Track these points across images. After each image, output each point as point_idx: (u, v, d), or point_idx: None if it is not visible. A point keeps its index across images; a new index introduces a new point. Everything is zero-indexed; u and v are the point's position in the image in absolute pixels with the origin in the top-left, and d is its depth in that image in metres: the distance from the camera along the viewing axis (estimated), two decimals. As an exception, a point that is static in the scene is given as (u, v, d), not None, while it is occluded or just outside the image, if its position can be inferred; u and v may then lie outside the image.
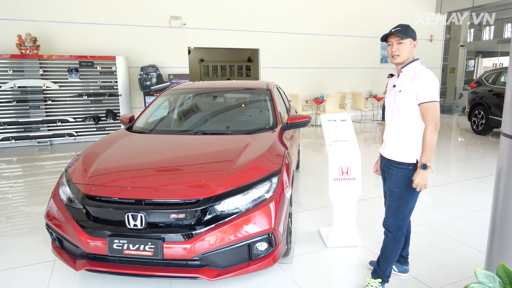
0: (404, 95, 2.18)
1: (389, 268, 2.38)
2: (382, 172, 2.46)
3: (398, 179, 2.24)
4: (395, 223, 2.29)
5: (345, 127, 3.10)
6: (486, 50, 20.40)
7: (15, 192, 4.65)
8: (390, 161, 2.30)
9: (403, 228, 2.31)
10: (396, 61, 2.22)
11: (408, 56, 2.20)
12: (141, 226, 2.18)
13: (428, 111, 2.10)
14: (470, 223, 3.57)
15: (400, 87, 2.21)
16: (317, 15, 10.47)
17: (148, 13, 8.60)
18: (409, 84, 2.16)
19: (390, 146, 2.31)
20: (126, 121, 3.66)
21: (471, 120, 8.74)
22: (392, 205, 2.29)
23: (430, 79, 2.12)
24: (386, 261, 2.37)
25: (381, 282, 2.38)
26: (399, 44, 2.18)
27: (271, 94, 3.85)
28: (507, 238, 1.83)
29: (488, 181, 4.86)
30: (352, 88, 11.39)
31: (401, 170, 2.22)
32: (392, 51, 2.21)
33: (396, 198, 2.26)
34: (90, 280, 2.57)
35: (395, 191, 2.26)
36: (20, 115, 7.38)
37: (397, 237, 2.30)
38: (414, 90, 2.13)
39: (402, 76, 2.23)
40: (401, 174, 2.22)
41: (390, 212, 2.32)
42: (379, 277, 2.39)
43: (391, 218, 2.30)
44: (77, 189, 2.42)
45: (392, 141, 2.29)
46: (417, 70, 2.17)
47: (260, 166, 2.56)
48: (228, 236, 2.19)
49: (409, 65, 2.21)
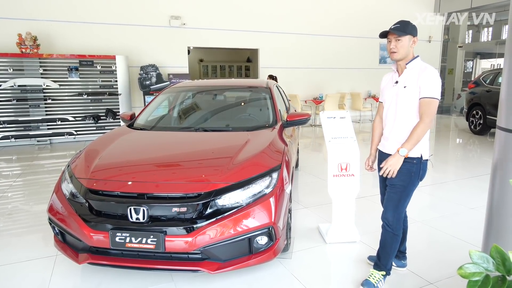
0: (409, 90, 2.20)
1: (389, 261, 2.42)
2: (380, 169, 2.48)
3: (401, 172, 2.24)
4: (394, 215, 2.32)
5: (344, 124, 3.14)
6: (484, 51, 20.53)
7: (15, 191, 4.67)
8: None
9: (401, 221, 2.34)
10: (394, 58, 2.25)
11: (407, 52, 2.22)
12: (143, 220, 2.21)
13: (429, 106, 2.13)
14: (467, 220, 3.61)
15: (405, 83, 2.23)
16: (317, 16, 10.52)
17: (148, 13, 8.63)
18: (415, 79, 2.18)
19: (393, 141, 2.31)
20: (127, 118, 3.69)
21: (469, 121, 8.80)
22: (394, 197, 2.31)
23: (436, 76, 2.16)
24: (386, 255, 2.40)
25: (383, 275, 2.42)
26: (397, 41, 2.20)
27: (271, 92, 3.89)
28: (502, 226, 1.89)
29: (485, 179, 4.88)
30: (351, 88, 11.44)
31: (404, 164, 2.22)
32: (391, 48, 2.24)
33: (399, 191, 2.28)
34: (92, 274, 2.59)
35: (398, 184, 2.28)
36: (20, 114, 7.40)
37: (396, 230, 2.33)
38: (419, 84, 2.16)
39: (407, 72, 2.24)
40: (405, 168, 2.23)
41: (390, 204, 2.34)
42: (381, 270, 2.43)
43: (390, 211, 2.33)
44: (79, 183, 2.45)
45: (396, 136, 2.30)
46: (423, 66, 2.20)
47: (261, 162, 2.59)
48: (229, 230, 2.23)
49: (413, 61, 2.23)
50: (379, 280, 2.38)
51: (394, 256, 2.48)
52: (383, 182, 2.49)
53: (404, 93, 2.22)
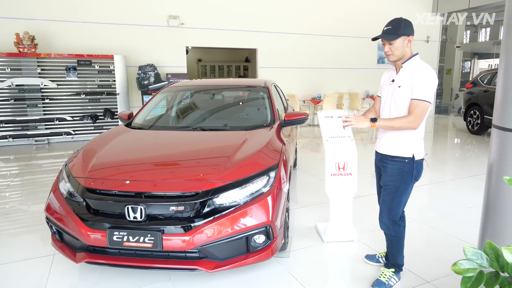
0: (403, 90, 2.18)
1: (398, 259, 2.42)
2: (378, 169, 2.49)
3: (393, 172, 2.26)
4: (389, 218, 2.33)
5: (342, 124, 3.14)
6: (482, 51, 20.59)
7: (13, 191, 4.66)
8: (385, 155, 2.32)
9: (398, 222, 2.34)
10: (390, 60, 2.23)
11: (402, 53, 2.18)
12: (140, 219, 2.22)
13: (416, 108, 2.09)
14: (464, 219, 3.62)
15: (400, 82, 2.21)
16: (315, 16, 10.53)
17: (146, 13, 8.62)
18: (409, 79, 2.15)
19: (386, 141, 2.32)
20: (125, 117, 3.69)
21: (466, 120, 8.83)
22: (386, 198, 2.32)
23: (429, 78, 2.10)
24: (392, 255, 2.43)
25: (394, 272, 2.43)
26: (391, 44, 2.17)
27: (269, 92, 3.89)
28: (498, 224, 1.91)
29: (483, 179, 4.88)
30: (349, 88, 11.45)
31: (396, 163, 2.25)
32: (385, 51, 2.22)
33: (391, 191, 2.29)
34: (90, 273, 2.59)
35: (390, 184, 2.29)
36: (17, 114, 7.38)
37: (396, 231, 2.33)
38: (412, 85, 2.13)
39: (402, 71, 2.22)
40: (396, 167, 2.25)
41: (384, 206, 2.35)
42: (391, 267, 2.44)
43: (385, 213, 2.34)
44: (77, 182, 2.45)
45: (389, 136, 2.29)
46: (419, 66, 2.16)
47: (258, 161, 2.60)
48: (227, 228, 2.23)
49: (410, 60, 2.20)
50: (390, 277, 2.40)
51: (402, 253, 2.45)
52: (379, 183, 2.49)
53: (398, 93, 2.21)
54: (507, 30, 1.91)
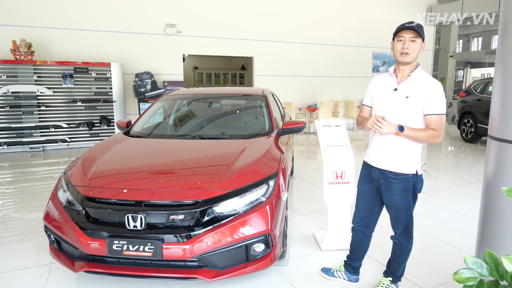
0: (413, 102, 2.02)
1: (399, 269, 2.40)
2: (368, 178, 2.32)
3: (398, 189, 2.16)
4: (405, 232, 2.27)
5: (339, 132, 3.18)
6: (474, 60, 20.93)
7: (7, 198, 4.62)
8: (386, 171, 2.17)
9: (411, 233, 2.28)
10: (404, 60, 2.03)
11: (416, 57, 2.05)
12: (140, 227, 2.21)
13: (441, 123, 2.01)
14: (460, 227, 3.66)
15: (408, 92, 2.05)
16: (311, 25, 10.65)
17: (143, 21, 8.67)
18: (420, 91, 2.02)
19: (387, 156, 2.16)
20: (123, 125, 3.69)
21: (460, 129, 8.94)
22: (402, 220, 2.23)
23: (441, 90, 2.01)
24: (396, 265, 2.39)
25: (392, 281, 2.42)
26: (412, 41, 2.01)
27: (267, 100, 3.93)
28: (495, 233, 1.93)
29: (477, 187, 4.97)
30: (345, 96, 11.55)
31: (401, 181, 2.14)
32: (404, 47, 2.01)
33: (404, 210, 2.19)
34: (87, 282, 2.57)
35: (400, 202, 2.18)
36: (13, 121, 7.33)
37: (408, 242, 2.30)
38: (424, 98, 2.01)
39: (410, 81, 2.07)
40: (401, 185, 2.15)
41: (398, 224, 2.26)
42: (389, 276, 2.44)
43: (401, 228, 2.26)
44: (76, 191, 2.44)
45: (391, 151, 2.14)
46: (427, 78, 2.05)
47: (257, 170, 2.62)
48: (226, 237, 2.24)
49: (417, 70, 2.07)
50: (387, 286, 2.41)
51: (405, 264, 2.41)
52: (366, 198, 2.37)
53: (406, 104, 2.05)
54: (501, 40, 1.94)
